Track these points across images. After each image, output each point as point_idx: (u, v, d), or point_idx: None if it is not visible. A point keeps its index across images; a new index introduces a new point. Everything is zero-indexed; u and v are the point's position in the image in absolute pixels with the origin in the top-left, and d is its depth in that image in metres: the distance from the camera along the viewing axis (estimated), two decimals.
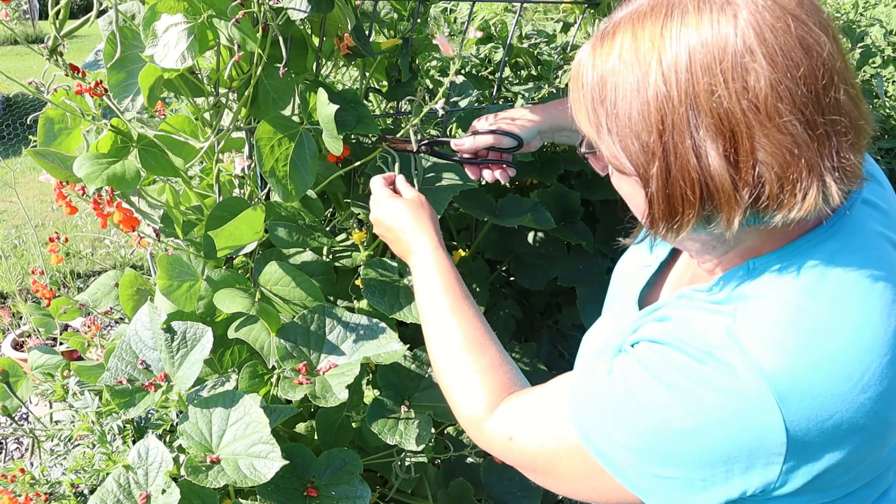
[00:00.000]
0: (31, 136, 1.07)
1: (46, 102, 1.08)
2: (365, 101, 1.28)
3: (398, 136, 1.22)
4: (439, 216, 1.24)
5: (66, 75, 1.03)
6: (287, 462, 0.99)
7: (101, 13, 1.06)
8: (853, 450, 0.63)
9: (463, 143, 1.16)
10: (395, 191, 1.12)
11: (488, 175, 1.17)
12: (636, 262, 0.98)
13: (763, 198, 0.61)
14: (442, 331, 0.92)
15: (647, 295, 0.94)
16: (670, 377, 0.65)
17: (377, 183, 1.11)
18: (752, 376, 0.61)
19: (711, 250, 0.73)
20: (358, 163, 1.26)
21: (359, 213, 1.32)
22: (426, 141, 1.18)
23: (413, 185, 1.14)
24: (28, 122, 1.06)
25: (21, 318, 2.77)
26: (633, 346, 0.74)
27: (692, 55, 0.60)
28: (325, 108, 1.08)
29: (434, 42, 1.16)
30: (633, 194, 0.72)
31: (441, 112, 1.09)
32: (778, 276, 0.67)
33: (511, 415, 0.81)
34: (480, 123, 1.21)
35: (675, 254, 0.94)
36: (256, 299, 1.13)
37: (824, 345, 0.62)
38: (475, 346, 0.89)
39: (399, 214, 1.04)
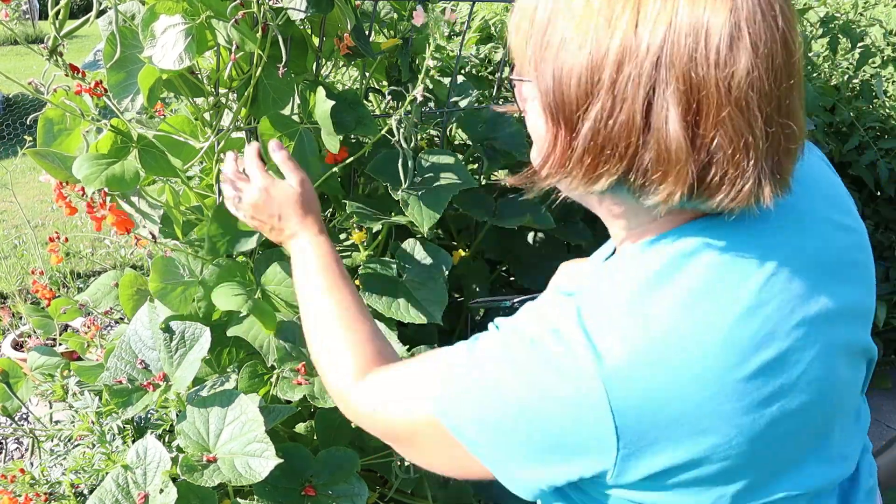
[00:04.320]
0: (28, 137, 1.07)
1: (46, 102, 1.08)
2: (365, 102, 1.28)
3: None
4: (438, 217, 1.24)
5: (66, 75, 1.03)
6: (281, 461, 0.99)
7: (100, 13, 1.06)
8: (701, 451, 0.62)
9: None
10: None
11: None
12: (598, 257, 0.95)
13: (707, 179, 0.59)
14: (316, 309, 0.93)
15: None
16: (514, 346, 0.66)
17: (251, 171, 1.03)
18: (590, 364, 0.61)
19: (627, 220, 0.71)
20: (351, 158, 1.26)
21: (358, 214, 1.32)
22: (522, 299, 1.16)
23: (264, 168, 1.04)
24: (28, 123, 1.06)
25: (21, 318, 2.77)
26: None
27: (680, 17, 0.57)
28: (321, 105, 1.08)
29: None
30: (547, 136, 0.66)
31: (419, 98, 1.07)
32: (642, 256, 0.66)
33: (376, 386, 0.82)
34: None
35: None
36: (256, 296, 1.14)
37: (669, 344, 0.61)
38: (347, 321, 0.90)
39: (273, 204, 0.99)
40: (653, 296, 0.62)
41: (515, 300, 1.18)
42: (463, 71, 1.81)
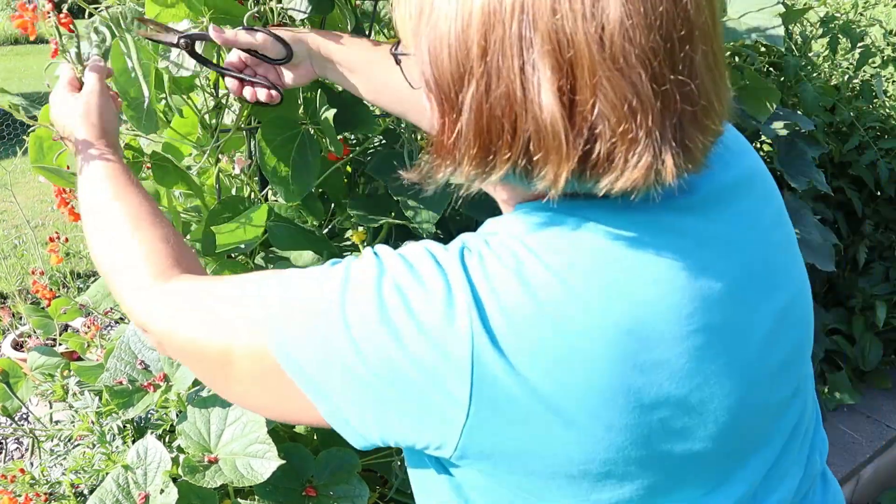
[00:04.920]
0: (27, 138, 1.07)
1: (45, 101, 1.08)
2: (365, 102, 1.28)
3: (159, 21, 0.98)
4: (438, 217, 1.24)
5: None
6: (284, 462, 0.99)
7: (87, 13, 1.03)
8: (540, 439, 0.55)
9: (224, 32, 0.94)
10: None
11: (249, 94, 0.98)
12: None
13: (593, 156, 0.51)
14: (104, 217, 0.81)
15: None
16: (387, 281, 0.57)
17: (60, 83, 0.95)
18: (465, 314, 0.53)
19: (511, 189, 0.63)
20: (352, 155, 1.26)
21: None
22: (187, 34, 0.95)
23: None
24: (28, 123, 1.05)
25: (21, 318, 2.77)
26: None
27: None
28: (324, 112, 1.08)
29: None
30: (434, 119, 0.59)
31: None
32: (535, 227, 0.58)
33: (183, 296, 0.70)
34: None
35: None
36: None
37: (553, 318, 0.54)
38: (141, 222, 0.78)
39: (66, 112, 0.90)
40: (536, 266, 0.55)
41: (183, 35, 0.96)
42: None
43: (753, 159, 0.68)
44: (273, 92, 0.98)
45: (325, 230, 1.33)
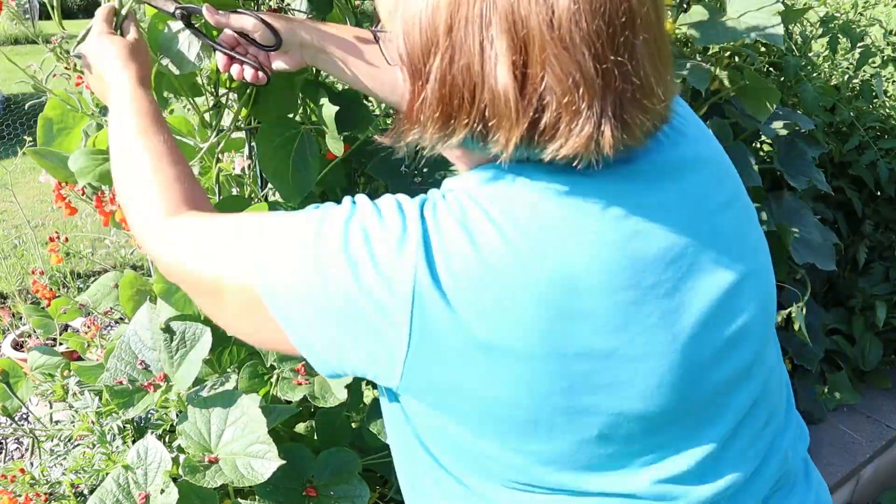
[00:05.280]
0: (27, 138, 1.07)
1: (46, 102, 1.08)
2: (364, 101, 1.28)
3: None
4: None
5: (67, 68, 1.03)
6: (284, 462, 0.99)
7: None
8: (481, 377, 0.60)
9: (218, 12, 0.98)
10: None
11: (236, 72, 1.01)
12: None
13: (540, 124, 0.58)
14: (128, 151, 0.87)
15: None
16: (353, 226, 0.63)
17: (97, 21, 0.98)
18: (411, 256, 0.60)
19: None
20: (351, 150, 1.26)
21: None
22: (184, 6, 0.98)
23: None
24: (28, 123, 1.06)
25: (21, 318, 2.77)
26: None
27: None
28: (325, 110, 1.08)
29: None
30: (405, 88, 0.66)
31: None
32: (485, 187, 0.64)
33: (188, 231, 0.77)
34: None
35: None
36: None
37: (497, 273, 0.59)
38: (161, 160, 0.85)
39: (105, 53, 0.94)
40: (484, 226, 0.60)
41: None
42: None
43: (711, 148, 0.73)
44: (260, 73, 1.00)
45: None
